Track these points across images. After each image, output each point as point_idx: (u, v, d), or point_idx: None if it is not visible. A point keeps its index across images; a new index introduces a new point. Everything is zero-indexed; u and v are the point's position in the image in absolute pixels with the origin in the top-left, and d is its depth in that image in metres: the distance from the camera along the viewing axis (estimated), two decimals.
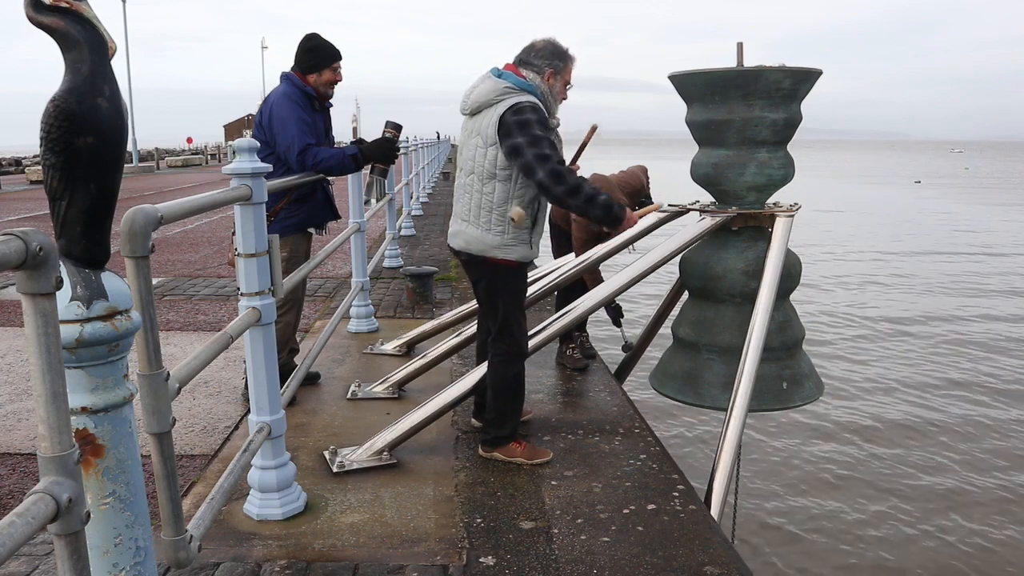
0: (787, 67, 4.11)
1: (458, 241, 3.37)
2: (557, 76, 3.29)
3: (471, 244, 3.30)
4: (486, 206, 3.24)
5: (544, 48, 3.27)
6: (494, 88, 3.20)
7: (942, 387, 9.00)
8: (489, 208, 3.23)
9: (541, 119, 3.14)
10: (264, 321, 2.74)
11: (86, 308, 1.41)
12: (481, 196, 3.25)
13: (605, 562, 2.60)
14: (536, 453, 3.44)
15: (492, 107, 3.19)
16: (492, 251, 3.26)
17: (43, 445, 1.15)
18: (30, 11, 1.39)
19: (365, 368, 4.89)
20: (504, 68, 3.29)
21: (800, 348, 4.61)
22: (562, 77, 3.31)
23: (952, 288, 14.81)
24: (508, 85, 3.19)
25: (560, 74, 3.30)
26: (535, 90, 3.23)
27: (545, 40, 3.31)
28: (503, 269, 3.30)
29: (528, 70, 3.26)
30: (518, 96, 3.17)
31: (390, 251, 8.51)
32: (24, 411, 4.11)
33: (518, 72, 3.26)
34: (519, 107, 3.13)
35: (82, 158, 1.43)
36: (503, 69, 3.28)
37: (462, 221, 3.34)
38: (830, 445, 7.31)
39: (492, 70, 3.29)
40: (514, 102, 3.15)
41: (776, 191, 4.47)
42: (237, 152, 2.77)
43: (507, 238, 3.24)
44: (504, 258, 3.26)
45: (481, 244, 3.27)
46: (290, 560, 2.62)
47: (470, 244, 3.31)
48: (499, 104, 3.17)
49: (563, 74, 3.31)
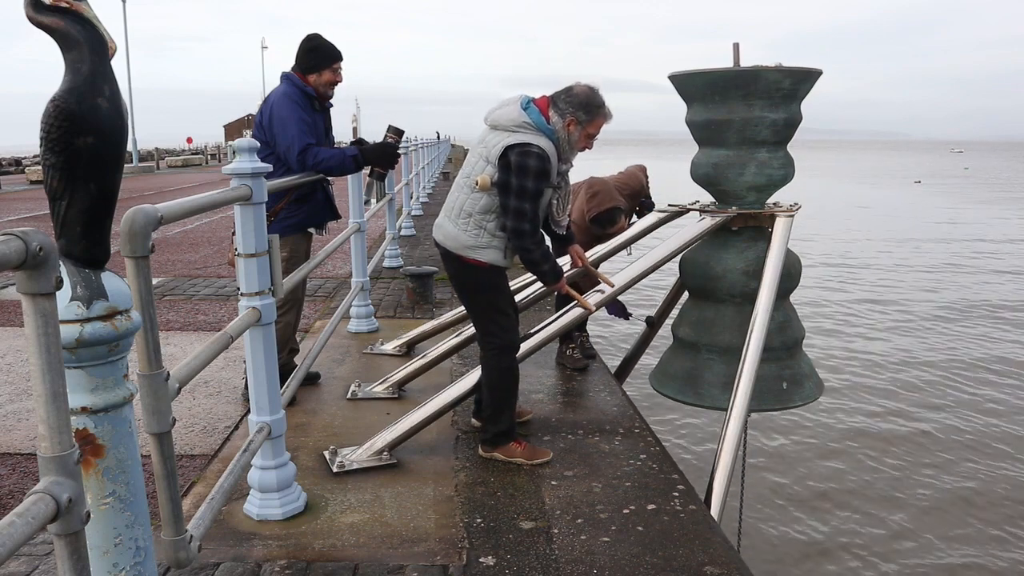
0: (787, 67, 4.11)
1: (439, 234, 3.45)
2: (579, 126, 3.26)
3: (447, 240, 3.39)
4: (467, 209, 3.31)
5: (577, 96, 3.25)
6: (515, 118, 3.22)
7: (943, 386, 9.01)
8: (469, 213, 3.30)
9: (541, 170, 3.17)
10: (264, 321, 2.74)
11: (86, 308, 1.41)
12: (467, 199, 3.32)
13: (605, 562, 2.60)
14: (536, 453, 3.45)
15: (507, 133, 3.22)
16: (464, 251, 3.34)
17: (43, 445, 1.15)
18: (30, 11, 1.39)
19: (365, 368, 4.89)
20: (537, 101, 3.28)
21: (800, 348, 4.61)
22: (584, 129, 3.28)
23: (952, 288, 14.81)
24: (527, 121, 3.21)
25: (583, 125, 3.26)
26: (552, 134, 3.24)
27: (585, 88, 3.28)
28: (473, 268, 3.36)
29: (555, 112, 3.25)
30: (532, 136, 3.19)
31: (390, 251, 8.51)
32: (24, 411, 4.11)
33: (546, 110, 3.25)
34: (526, 150, 3.16)
35: (82, 158, 1.43)
36: (534, 102, 3.28)
37: (445, 216, 3.43)
38: (830, 445, 7.31)
39: (522, 99, 3.28)
40: (524, 141, 3.17)
41: (776, 191, 4.47)
42: (237, 152, 2.77)
43: (480, 241, 3.31)
44: (475, 258, 3.33)
45: (455, 242, 3.35)
46: (290, 560, 2.62)
47: (447, 240, 3.39)
48: (512, 135, 3.20)
49: (587, 127, 3.28)
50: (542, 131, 3.22)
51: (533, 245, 3.29)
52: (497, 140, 3.23)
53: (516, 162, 3.16)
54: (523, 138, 3.18)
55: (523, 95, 3.33)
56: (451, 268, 3.45)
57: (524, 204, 3.19)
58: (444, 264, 3.51)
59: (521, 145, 3.17)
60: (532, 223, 3.24)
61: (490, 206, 3.27)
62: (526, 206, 3.19)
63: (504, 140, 3.20)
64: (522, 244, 3.28)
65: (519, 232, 3.24)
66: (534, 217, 3.24)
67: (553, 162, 3.24)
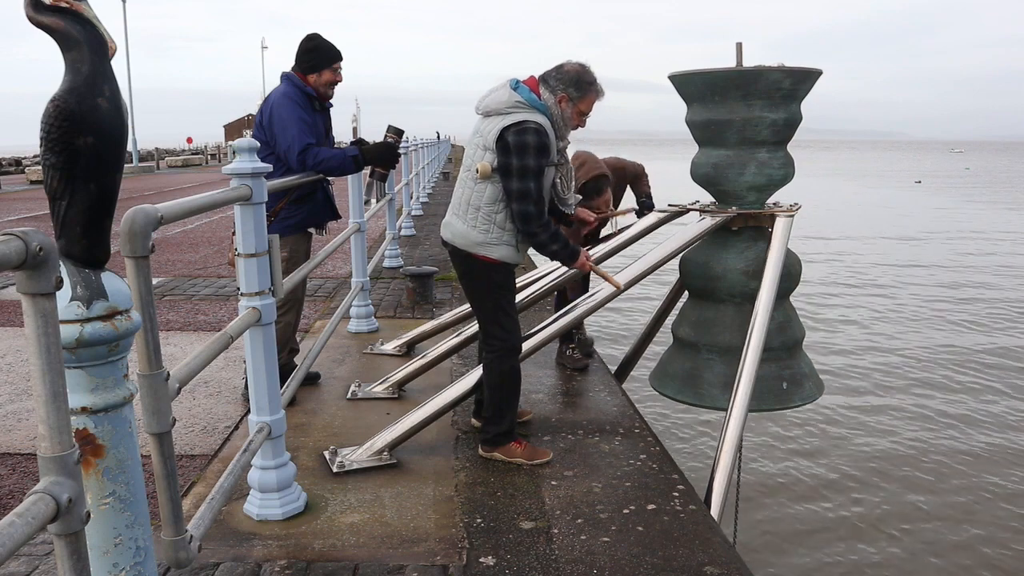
0: (787, 67, 4.11)
1: (447, 232, 3.43)
2: (571, 103, 3.26)
3: (456, 238, 3.36)
4: (474, 203, 3.28)
5: (568, 73, 3.25)
6: (506, 100, 3.21)
7: (944, 386, 9.00)
8: (477, 206, 3.27)
9: (541, 144, 3.16)
10: (264, 321, 2.74)
11: (86, 308, 1.41)
12: (472, 192, 3.29)
13: (605, 562, 2.60)
14: (536, 453, 3.45)
15: (500, 116, 3.21)
16: (474, 247, 3.31)
17: (43, 445, 1.15)
18: (30, 11, 1.39)
19: (365, 368, 4.89)
20: (526, 81, 3.28)
21: (800, 348, 4.61)
22: (576, 106, 3.27)
23: (952, 287, 14.81)
24: (520, 100, 3.20)
25: (574, 102, 3.26)
26: (546, 110, 3.23)
27: (575, 65, 3.28)
28: (484, 265, 3.33)
29: (545, 89, 3.24)
30: (526, 114, 3.18)
31: (390, 251, 8.51)
32: (24, 411, 4.12)
33: (536, 88, 3.24)
34: (523, 127, 3.14)
35: (82, 158, 1.43)
36: (522, 82, 3.27)
37: (452, 214, 3.40)
38: (830, 445, 7.31)
39: (511, 81, 3.28)
40: (520, 119, 3.16)
41: (776, 191, 4.47)
42: (237, 152, 2.76)
43: (490, 237, 3.28)
44: (485, 255, 3.30)
45: (465, 239, 3.32)
46: (290, 560, 2.62)
47: (455, 238, 3.37)
48: (506, 117, 3.18)
49: (578, 104, 3.27)
50: (536, 108, 3.20)
51: (540, 228, 3.23)
52: (492, 125, 3.21)
53: (514, 141, 3.13)
54: (518, 117, 3.16)
55: (511, 78, 3.31)
56: (460, 266, 3.42)
57: (528, 184, 3.15)
58: (453, 262, 3.48)
59: (517, 124, 3.14)
60: (537, 205, 3.20)
61: (496, 195, 3.24)
62: (530, 185, 3.15)
63: (499, 123, 3.18)
64: (529, 228, 3.22)
65: (525, 215, 3.19)
66: (539, 198, 3.20)
67: (551, 137, 3.22)
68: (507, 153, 3.15)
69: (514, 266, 3.41)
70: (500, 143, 3.17)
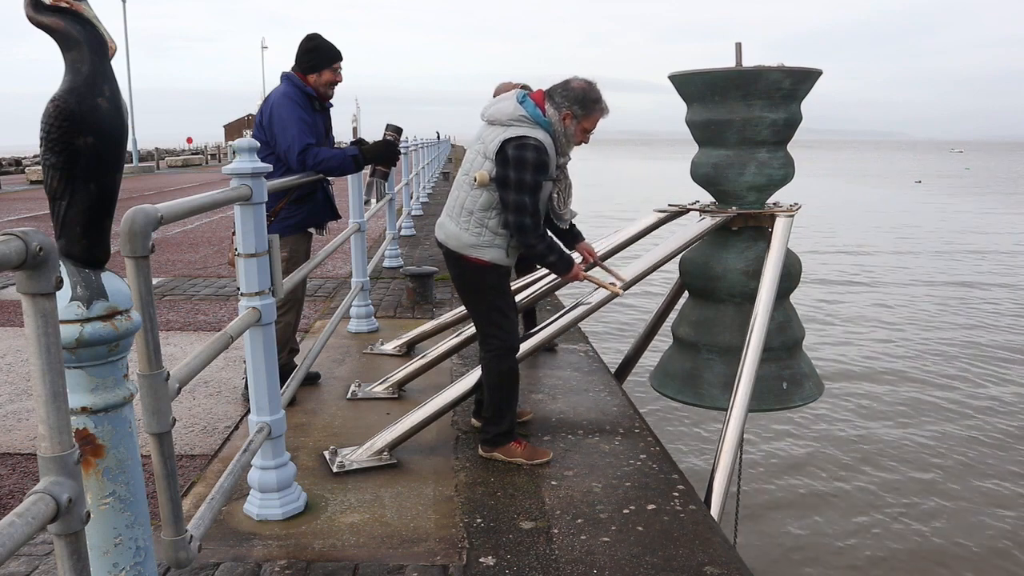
0: (787, 67, 4.12)
1: (440, 233, 3.45)
2: (575, 120, 3.27)
3: (449, 239, 3.39)
4: (468, 207, 3.30)
5: (574, 91, 3.25)
6: (511, 112, 3.23)
7: (944, 386, 9.00)
8: (470, 211, 3.30)
9: (539, 161, 3.17)
10: (264, 321, 2.74)
11: (86, 308, 1.41)
12: (467, 197, 3.31)
13: (605, 562, 2.60)
14: (536, 453, 3.45)
15: (503, 128, 3.22)
16: (466, 249, 3.33)
17: (43, 445, 1.15)
18: (30, 11, 1.39)
19: (365, 368, 4.89)
20: (533, 95, 3.29)
21: (800, 348, 4.61)
22: (580, 124, 3.29)
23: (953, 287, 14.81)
24: (524, 114, 3.21)
25: (579, 120, 3.27)
26: (549, 126, 3.25)
27: (581, 82, 3.28)
28: (476, 267, 3.35)
29: (551, 105, 3.25)
30: (528, 129, 3.19)
31: (390, 251, 8.51)
32: (24, 411, 4.11)
33: (542, 103, 3.26)
34: (523, 143, 3.16)
35: (82, 158, 1.43)
36: (529, 95, 3.29)
37: (447, 215, 3.42)
38: (830, 445, 7.31)
39: (518, 93, 3.30)
40: (521, 135, 3.17)
41: (776, 191, 4.47)
42: (237, 152, 2.76)
43: (482, 239, 3.30)
44: (477, 257, 3.32)
45: (457, 241, 3.35)
46: (290, 560, 2.62)
47: (448, 239, 3.39)
48: (508, 129, 3.20)
49: (583, 121, 3.28)
50: (539, 124, 3.22)
51: (536, 239, 3.27)
52: (494, 135, 3.23)
53: (513, 155, 3.15)
54: (520, 131, 3.18)
55: (519, 89, 3.34)
56: (453, 268, 3.45)
57: (524, 198, 3.18)
58: (446, 264, 3.50)
59: (518, 138, 3.16)
60: (533, 217, 3.23)
61: (490, 203, 3.26)
62: (526, 199, 3.18)
63: (501, 134, 3.20)
64: (525, 240, 3.26)
65: (521, 227, 3.22)
66: (535, 211, 3.23)
67: (551, 154, 3.24)
68: (506, 165, 3.18)
69: (507, 268, 3.43)
70: (500, 155, 3.19)
